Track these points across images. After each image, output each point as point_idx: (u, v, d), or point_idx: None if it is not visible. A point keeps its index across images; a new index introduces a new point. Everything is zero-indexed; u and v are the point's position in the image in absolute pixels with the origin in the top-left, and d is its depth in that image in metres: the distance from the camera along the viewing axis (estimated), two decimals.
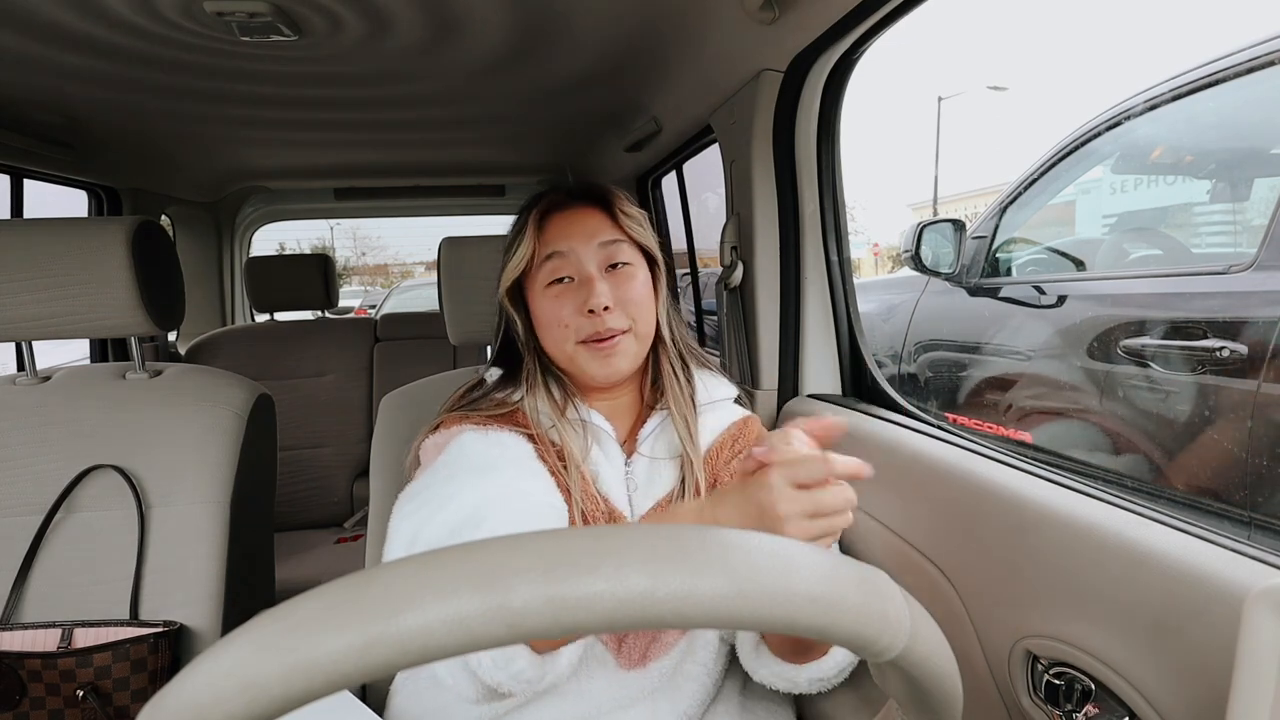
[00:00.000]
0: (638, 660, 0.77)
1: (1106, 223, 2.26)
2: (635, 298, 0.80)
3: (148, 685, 0.96)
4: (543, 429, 0.80)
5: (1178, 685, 0.49)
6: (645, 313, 0.82)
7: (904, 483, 0.82)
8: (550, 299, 0.80)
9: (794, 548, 0.29)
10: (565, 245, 0.80)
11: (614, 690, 0.76)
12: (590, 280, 0.78)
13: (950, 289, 2.35)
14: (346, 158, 2.19)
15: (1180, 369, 1.43)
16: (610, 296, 0.78)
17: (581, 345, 0.79)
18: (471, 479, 0.70)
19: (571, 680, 0.75)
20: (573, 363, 0.81)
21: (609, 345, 0.79)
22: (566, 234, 0.81)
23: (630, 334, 0.80)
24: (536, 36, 1.19)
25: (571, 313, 0.79)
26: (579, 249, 0.80)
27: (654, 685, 0.77)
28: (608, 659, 0.76)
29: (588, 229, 0.81)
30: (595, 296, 0.77)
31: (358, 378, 2.28)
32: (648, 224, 0.85)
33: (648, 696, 0.77)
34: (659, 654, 0.77)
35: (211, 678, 0.24)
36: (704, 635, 0.80)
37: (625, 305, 0.79)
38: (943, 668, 0.32)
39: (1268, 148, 1.61)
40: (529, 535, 0.27)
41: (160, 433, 1.08)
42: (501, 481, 0.71)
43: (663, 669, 0.77)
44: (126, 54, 1.18)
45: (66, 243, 1.03)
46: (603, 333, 0.78)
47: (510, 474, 0.73)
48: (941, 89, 45.83)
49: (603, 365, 0.80)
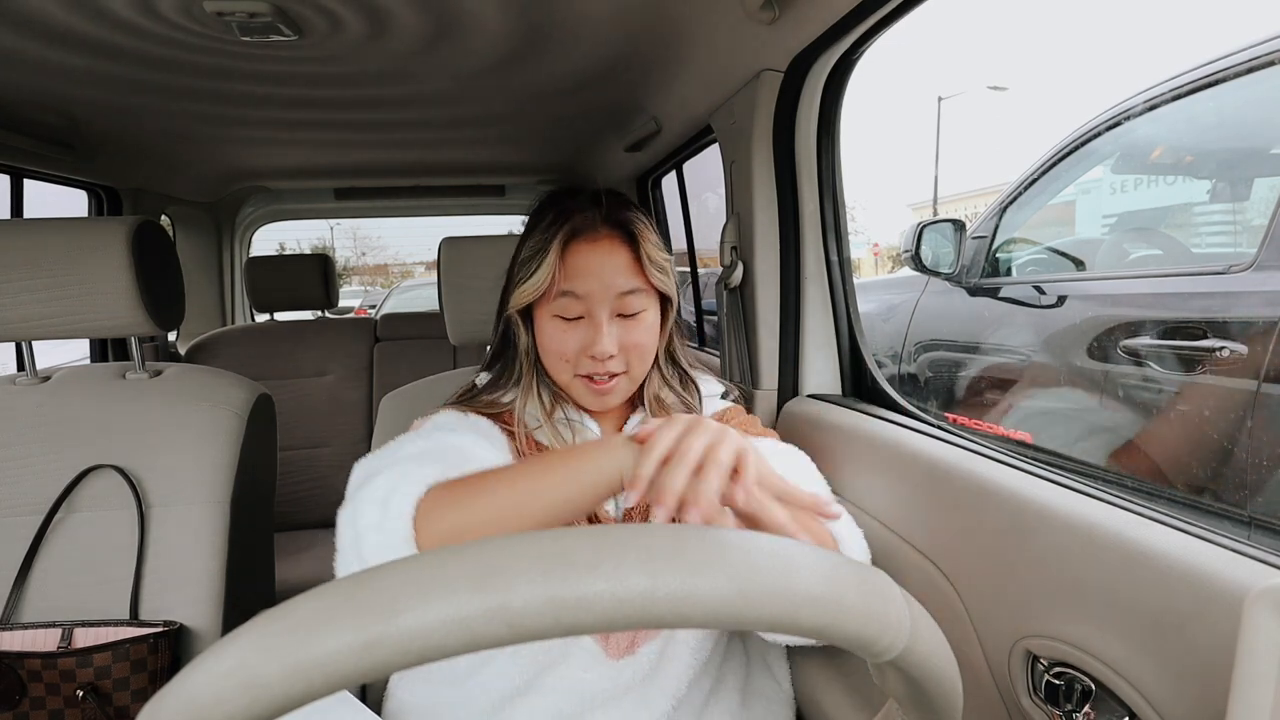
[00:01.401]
0: (626, 648, 0.77)
1: (1106, 223, 2.26)
2: (638, 343, 0.81)
3: (148, 685, 0.96)
4: (529, 429, 0.83)
5: (1178, 685, 0.49)
6: (645, 355, 0.83)
7: (904, 483, 0.82)
8: (557, 329, 0.80)
9: (794, 548, 0.29)
10: (583, 287, 0.78)
11: (605, 681, 0.76)
12: (600, 327, 0.78)
13: (950, 289, 2.35)
14: (346, 158, 2.19)
15: (1180, 369, 1.43)
16: (615, 345, 0.79)
17: (578, 378, 0.81)
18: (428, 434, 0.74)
19: (562, 673, 0.76)
20: (567, 389, 0.84)
21: (605, 386, 0.81)
22: (587, 273, 0.78)
23: (626, 375, 0.82)
24: (536, 36, 1.19)
25: (574, 349, 0.80)
26: (596, 293, 0.78)
27: (644, 672, 0.77)
28: (596, 650, 0.77)
29: (609, 272, 0.79)
30: (601, 345, 0.78)
31: (358, 378, 2.28)
32: (670, 268, 0.84)
33: (640, 684, 0.77)
34: (645, 639, 0.78)
35: (211, 677, 0.24)
36: None
37: (627, 351, 0.80)
38: (943, 668, 0.32)
39: (1268, 148, 1.61)
40: (529, 535, 0.27)
41: (160, 433, 1.09)
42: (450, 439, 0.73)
43: (650, 654, 0.78)
44: (126, 54, 1.18)
45: (66, 243, 1.03)
46: (599, 375, 0.80)
47: (468, 437, 0.75)
48: (941, 89, 45.86)
49: (595, 400, 0.82)
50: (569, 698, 0.75)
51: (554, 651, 0.76)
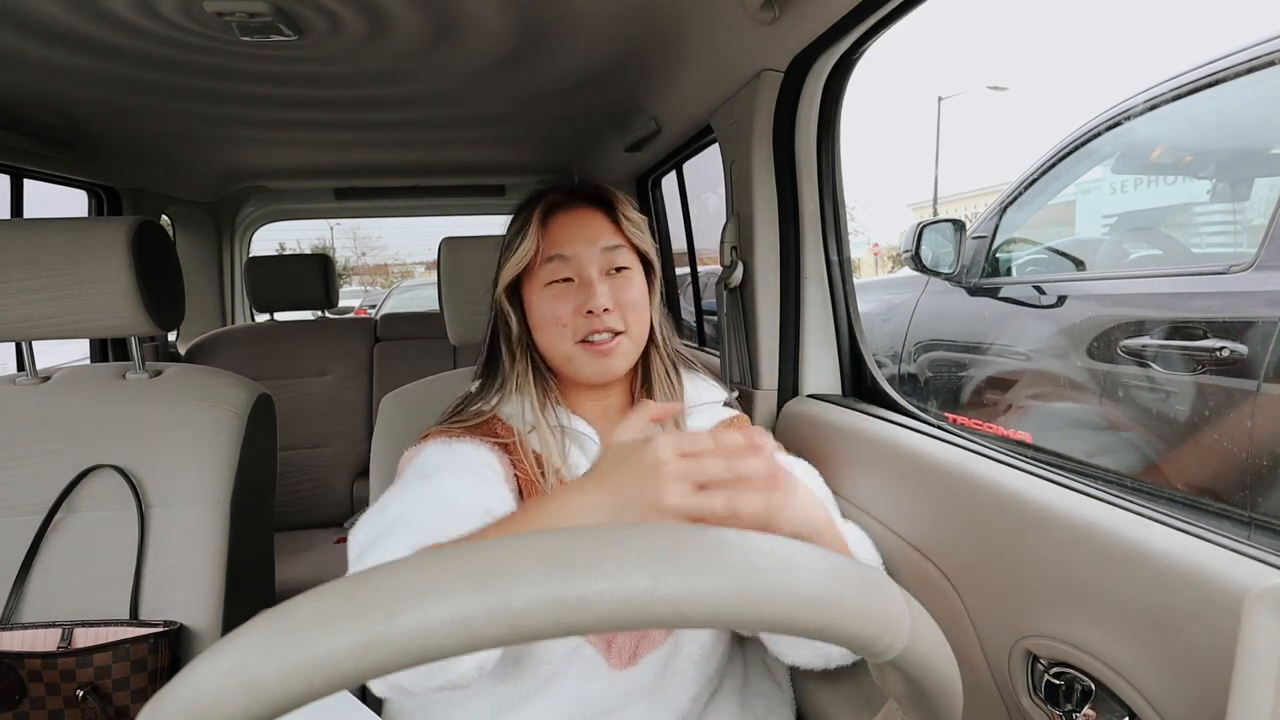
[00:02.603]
0: (628, 659, 0.77)
1: (1106, 223, 2.26)
2: (633, 301, 0.83)
3: (148, 685, 0.96)
4: (522, 435, 0.81)
5: (1178, 685, 0.49)
6: (641, 316, 0.84)
7: (904, 483, 0.82)
8: (549, 298, 0.82)
9: (794, 548, 0.29)
10: (569, 249, 0.82)
11: (608, 691, 0.75)
12: (591, 283, 0.81)
13: (950, 289, 2.35)
14: (346, 158, 2.19)
15: (1180, 369, 1.43)
16: (609, 299, 0.81)
17: (579, 345, 0.81)
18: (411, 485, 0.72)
19: (564, 684, 0.75)
20: (569, 362, 0.82)
21: (606, 346, 0.81)
22: (569, 236, 0.82)
23: (626, 335, 0.82)
24: (536, 37, 1.19)
25: (570, 312, 0.81)
26: (581, 252, 0.82)
27: (647, 684, 0.76)
28: (598, 660, 0.76)
29: (591, 232, 0.83)
30: (595, 298, 0.79)
31: (358, 378, 2.28)
32: (647, 229, 0.87)
33: (643, 696, 0.76)
34: (649, 650, 0.77)
35: (211, 678, 0.24)
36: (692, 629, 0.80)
37: (623, 308, 0.82)
38: (943, 668, 0.32)
39: (1268, 148, 1.61)
40: (529, 535, 0.27)
41: (160, 433, 1.09)
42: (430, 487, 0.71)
43: (654, 665, 0.77)
44: (126, 54, 1.18)
45: (66, 243, 1.03)
46: (600, 330, 0.80)
47: (449, 480, 0.73)
48: (942, 89, 45.85)
49: (598, 365, 0.81)
50: (572, 708, 0.75)
51: (555, 660, 0.75)
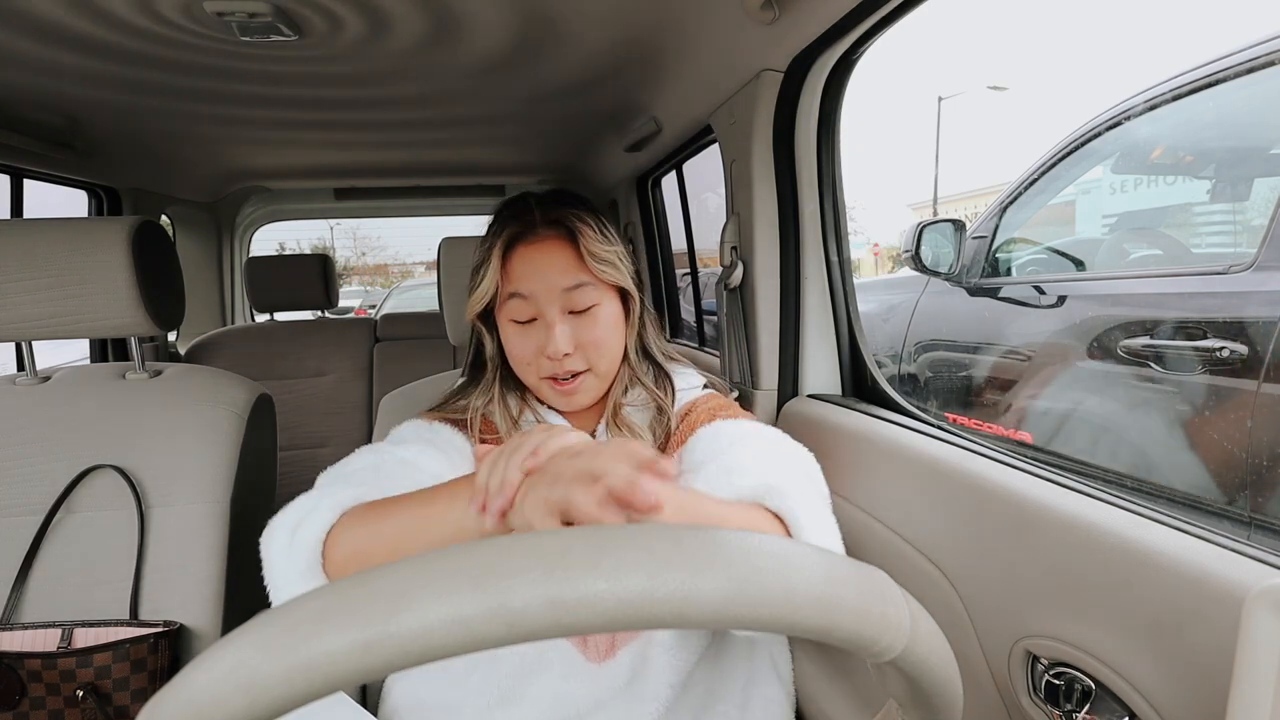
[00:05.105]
0: (606, 651, 0.76)
1: (1106, 223, 2.26)
2: (597, 340, 0.80)
3: (148, 685, 0.96)
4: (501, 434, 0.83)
5: (1177, 685, 0.49)
6: (608, 352, 0.82)
7: (904, 483, 0.82)
8: (514, 334, 0.82)
9: (795, 548, 0.29)
10: (527, 288, 0.79)
11: (589, 686, 0.75)
12: (551, 326, 0.78)
13: (950, 289, 2.35)
14: (346, 158, 2.19)
15: (1180, 369, 1.43)
16: (570, 342, 0.79)
17: (544, 380, 0.82)
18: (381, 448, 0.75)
19: (545, 683, 0.75)
20: (538, 391, 0.85)
21: (569, 385, 0.81)
22: (528, 274, 0.79)
23: (590, 373, 0.81)
24: (536, 37, 1.19)
25: (533, 352, 0.80)
26: (540, 293, 0.79)
27: (626, 676, 0.76)
28: (575, 654, 0.75)
29: (552, 271, 0.79)
30: (553, 344, 0.78)
31: (358, 378, 2.28)
32: (620, 260, 0.82)
33: (623, 689, 0.75)
34: (625, 641, 0.77)
35: (211, 678, 0.24)
36: None
37: (585, 349, 0.80)
38: (943, 668, 0.32)
39: (1267, 148, 1.61)
40: (529, 535, 0.27)
41: (160, 433, 1.08)
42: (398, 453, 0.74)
43: (632, 656, 0.76)
44: (126, 54, 1.18)
45: (66, 243, 1.03)
46: (561, 375, 0.80)
47: (413, 449, 0.75)
48: (942, 89, 45.82)
49: (564, 401, 0.83)
50: (555, 707, 0.74)
51: (529, 657, 0.75)
